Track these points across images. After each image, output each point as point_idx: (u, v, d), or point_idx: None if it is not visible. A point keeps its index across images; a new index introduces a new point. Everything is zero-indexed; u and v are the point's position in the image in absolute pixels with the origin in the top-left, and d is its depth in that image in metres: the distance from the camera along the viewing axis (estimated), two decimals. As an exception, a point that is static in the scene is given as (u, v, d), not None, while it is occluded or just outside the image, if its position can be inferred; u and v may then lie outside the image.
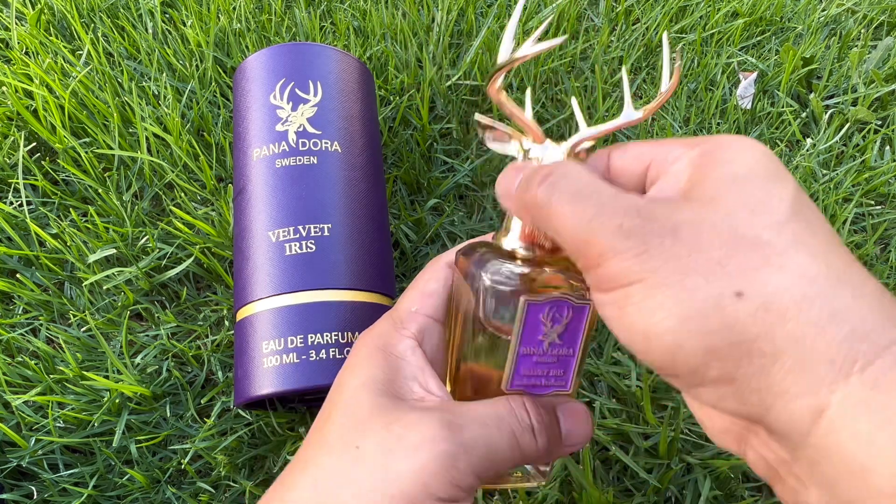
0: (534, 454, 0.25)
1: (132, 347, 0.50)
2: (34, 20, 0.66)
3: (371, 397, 0.26)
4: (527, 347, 0.26)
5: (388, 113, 0.62)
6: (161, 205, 0.57)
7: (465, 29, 0.70)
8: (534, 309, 0.25)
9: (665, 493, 0.44)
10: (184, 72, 0.63)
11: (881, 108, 0.66)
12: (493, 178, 0.59)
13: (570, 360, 0.27)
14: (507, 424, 0.25)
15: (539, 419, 0.26)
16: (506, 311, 0.26)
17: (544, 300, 0.25)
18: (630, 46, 0.70)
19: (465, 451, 0.24)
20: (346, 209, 0.44)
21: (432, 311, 0.29)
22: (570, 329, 0.26)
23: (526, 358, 0.26)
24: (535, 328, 0.26)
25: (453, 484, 0.23)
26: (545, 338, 0.26)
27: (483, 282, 0.26)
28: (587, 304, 0.26)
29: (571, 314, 0.26)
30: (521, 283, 0.26)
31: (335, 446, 0.25)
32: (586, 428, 0.27)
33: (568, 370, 0.27)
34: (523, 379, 0.26)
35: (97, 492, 0.44)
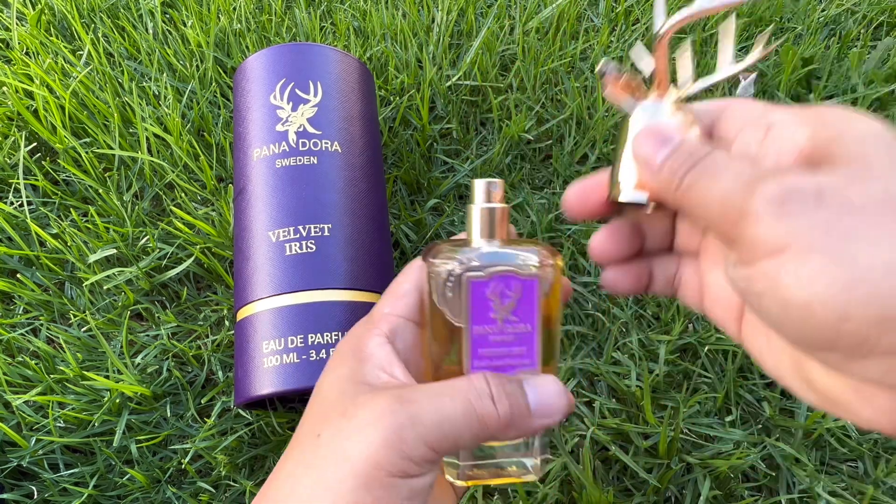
0: (495, 423, 0.25)
1: (132, 347, 0.50)
2: (35, 20, 0.67)
3: (336, 390, 0.27)
4: (480, 327, 0.26)
5: (388, 113, 0.62)
6: (161, 205, 0.57)
7: (465, 29, 0.70)
8: (477, 286, 0.26)
9: (665, 492, 0.44)
10: (184, 72, 0.63)
11: (881, 108, 0.66)
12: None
13: (530, 337, 0.26)
14: (462, 393, 0.25)
15: (499, 387, 0.25)
16: (453, 292, 0.26)
17: (487, 276, 0.25)
18: (630, 46, 0.70)
19: (412, 421, 0.24)
20: (346, 209, 0.44)
21: (405, 312, 0.29)
22: (523, 304, 0.26)
23: (481, 338, 0.26)
24: (483, 305, 0.26)
25: (404, 456, 0.23)
26: (497, 315, 0.26)
27: (432, 266, 0.26)
28: (535, 276, 0.26)
29: (521, 288, 0.26)
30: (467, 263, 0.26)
31: (303, 439, 0.26)
32: (558, 400, 0.27)
33: (531, 347, 0.27)
34: (483, 360, 0.26)
35: (97, 492, 0.44)
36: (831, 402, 0.23)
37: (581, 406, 0.48)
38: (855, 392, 0.22)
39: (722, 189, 0.21)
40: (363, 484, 0.23)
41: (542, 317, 0.27)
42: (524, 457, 0.28)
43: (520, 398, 0.26)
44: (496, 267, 0.26)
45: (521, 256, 0.26)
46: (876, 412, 0.21)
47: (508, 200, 0.58)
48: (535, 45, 0.68)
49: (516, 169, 0.60)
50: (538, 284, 0.26)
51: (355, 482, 0.23)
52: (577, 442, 0.46)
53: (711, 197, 0.22)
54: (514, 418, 0.25)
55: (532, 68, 0.66)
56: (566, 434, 0.46)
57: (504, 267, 0.26)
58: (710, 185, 0.22)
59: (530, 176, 0.61)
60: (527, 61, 0.67)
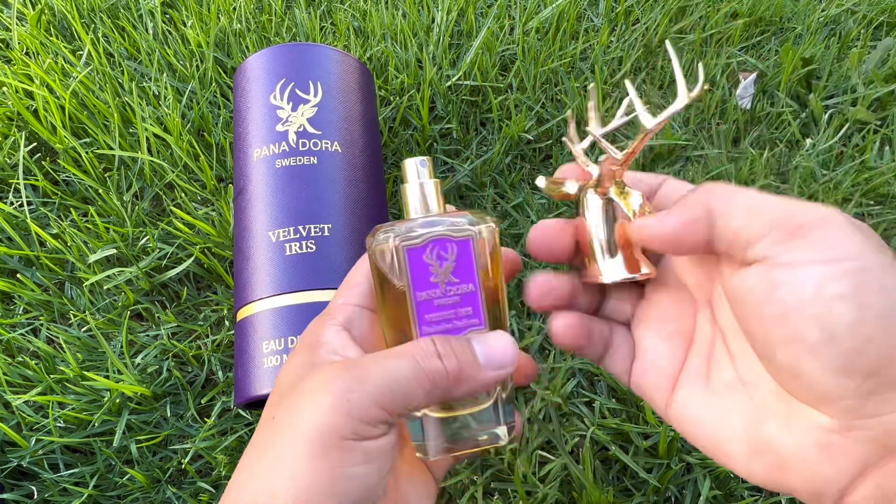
0: (444, 378, 0.25)
1: (132, 347, 0.50)
2: (35, 20, 0.67)
3: (291, 376, 0.27)
4: (422, 292, 0.27)
5: (388, 113, 0.62)
6: (161, 205, 0.57)
7: (465, 29, 0.70)
8: (414, 252, 0.27)
9: (665, 492, 0.44)
10: (184, 72, 0.63)
11: (880, 108, 0.66)
12: (492, 178, 0.59)
13: (474, 296, 0.27)
14: (408, 352, 0.25)
15: (446, 344, 0.26)
16: (394, 265, 0.27)
17: (422, 242, 0.27)
18: (630, 47, 0.70)
19: (359, 382, 0.24)
20: (346, 209, 0.44)
21: (359, 300, 0.30)
22: (461, 264, 0.27)
23: (425, 303, 0.27)
24: (423, 271, 0.27)
25: (354, 418, 0.24)
26: (437, 278, 0.27)
27: (372, 246, 0.28)
28: (469, 236, 0.27)
29: (456, 249, 0.27)
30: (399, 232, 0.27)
31: (261, 424, 0.27)
32: (506, 351, 0.27)
33: (476, 306, 0.27)
34: (431, 326, 0.27)
35: (97, 491, 0.44)
36: (780, 466, 0.24)
37: (581, 406, 0.48)
38: (821, 449, 0.23)
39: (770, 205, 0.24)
40: (318, 452, 0.23)
41: (487, 278, 0.28)
42: (492, 426, 0.29)
43: (468, 352, 0.26)
44: (429, 232, 0.27)
45: (453, 221, 0.28)
46: (839, 470, 0.22)
47: (508, 200, 0.58)
48: (535, 45, 0.68)
49: (516, 169, 0.60)
50: (472, 244, 0.27)
51: (310, 451, 0.23)
52: (577, 442, 0.46)
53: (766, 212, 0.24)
54: (464, 371, 0.26)
55: (532, 68, 0.66)
56: (566, 434, 0.46)
57: (437, 231, 0.27)
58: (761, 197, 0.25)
59: (530, 176, 0.61)
60: (527, 61, 0.67)
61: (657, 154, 0.62)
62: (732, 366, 0.27)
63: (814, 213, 0.23)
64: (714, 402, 0.27)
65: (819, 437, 0.23)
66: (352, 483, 0.24)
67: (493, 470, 0.45)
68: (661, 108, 0.66)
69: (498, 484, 0.44)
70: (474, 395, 0.27)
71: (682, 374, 0.29)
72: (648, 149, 0.61)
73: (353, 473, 0.24)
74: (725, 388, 0.27)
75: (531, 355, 0.50)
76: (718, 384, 0.27)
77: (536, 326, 0.50)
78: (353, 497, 0.24)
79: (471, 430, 0.28)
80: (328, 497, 0.23)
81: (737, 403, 0.26)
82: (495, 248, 0.29)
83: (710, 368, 0.28)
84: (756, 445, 0.25)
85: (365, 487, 0.24)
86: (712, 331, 0.29)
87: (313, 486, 0.23)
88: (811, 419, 0.23)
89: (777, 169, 0.61)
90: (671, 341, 0.30)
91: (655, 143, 0.61)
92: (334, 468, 0.23)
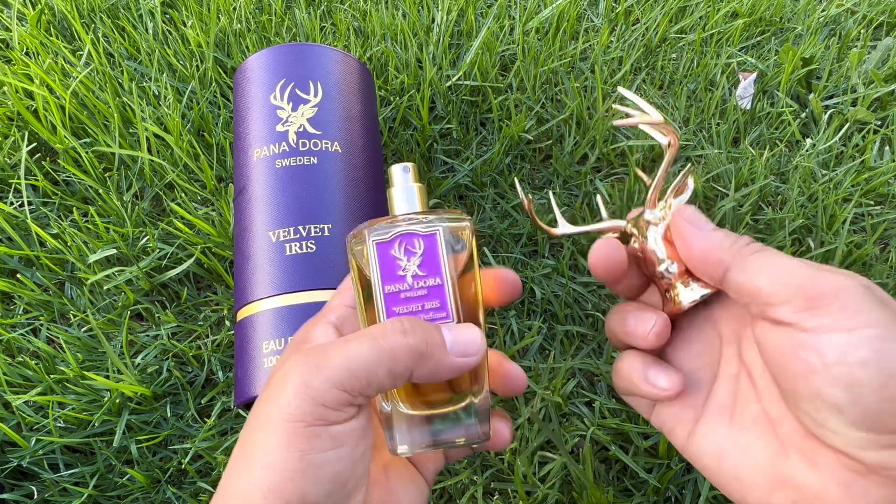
0: (406, 353, 0.25)
1: (133, 347, 0.50)
2: (35, 20, 0.67)
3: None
4: (390, 285, 0.28)
5: (388, 113, 0.62)
6: (161, 205, 0.57)
7: (465, 29, 0.70)
8: (382, 246, 0.28)
9: (665, 492, 0.44)
10: (184, 72, 0.63)
11: (880, 108, 0.66)
12: (492, 178, 0.59)
13: (441, 290, 0.28)
14: (369, 333, 0.26)
15: (413, 323, 0.26)
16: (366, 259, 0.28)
17: (390, 237, 0.28)
18: (630, 47, 0.70)
19: (318, 367, 0.25)
20: (347, 209, 0.44)
21: (351, 301, 0.30)
22: (428, 258, 0.28)
23: (392, 296, 0.28)
24: (390, 264, 0.28)
25: (316, 403, 0.24)
26: (405, 272, 0.28)
27: (350, 245, 0.28)
28: (435, 231, 0.28)
29: (423, 244, 0.28)
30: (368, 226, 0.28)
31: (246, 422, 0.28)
32: (473, 340, 0.27)
33: (443, 300, 0.28)
34: (400, 317, 0.27)
35: (97, 492, 0.44)
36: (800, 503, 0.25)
37: (581, 406, 0.48)
38: (843, 488, 0.24)
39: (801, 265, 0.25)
40: (285, 442, 0.24)
41: (459, 276, 0.28)
42: (462, 431, 0.29)
43: (435, 333, 0.27)
44: (397, 227, 0.28)
45: (423, 218, 0.28)
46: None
47: (509, 200, 0.58)
48: (535, 46, 0.68)
49: (516, 169, 0.60)
50: (439, 238, 0.28)
51: (278, 442, 0.24)
52: (577, 442, 0.46)
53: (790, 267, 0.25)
54: (429, 349, 0.26)
55: (532, 68, 0.66)
56: (566, 434, 0.46)
57: (405, 227, 0.28)
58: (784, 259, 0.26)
59: (530, 176, 0.61)
60: (527, 61, 0.67)
61: (657, 154, 0.62)
62: (758, 401, 0.28)
63: (834, 283, 0.24)
64: (739, 434, 0.28)
65: (842, 476, 0.24)
66: (323, 469, 0.24)
67: (493, 470, 0.45)
68: (660, 107, 0.66)
69: (498, 484, 0.44)
70: (439, 379, 0.27)
71: (707, 405, 0.29)
72: (649, 149, 0.61)
73: (324, 459, 0.24)
74: (751, 422, 0.28)
75: (531, 356, 0.50)
76: (744, 418, 0.28)
77: (536, 326, 0.50)
78: (326, 482, 0.24)
79: (439, 431, 0.28)
80: (300, 483, 0.24)
81: (762, 438, 0.27)
82: (470, 246, 0.29)
83: (735, 402, 0.29)
84: (778, 480, 0.26)
85: (337, 472, 0.25)
86: (738, 366, 0.29)
87: (285, 473, 0.23)
88: (835, 459, 0.24)
89: (777, 169, 0.61)
90: (698, 372, 0.30)
91: (655, 143, 0.61)
92: (304, 455, 0.24)
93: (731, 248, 0.27)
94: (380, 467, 0.30)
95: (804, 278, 0.24)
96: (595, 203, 0.58)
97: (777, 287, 0.25)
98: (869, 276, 0.54)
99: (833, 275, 0.24)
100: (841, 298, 0.23)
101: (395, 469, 0.31)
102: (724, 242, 0.27)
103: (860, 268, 0.54)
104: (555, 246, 0.57)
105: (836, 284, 0.24)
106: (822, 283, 0.24)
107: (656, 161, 0.62)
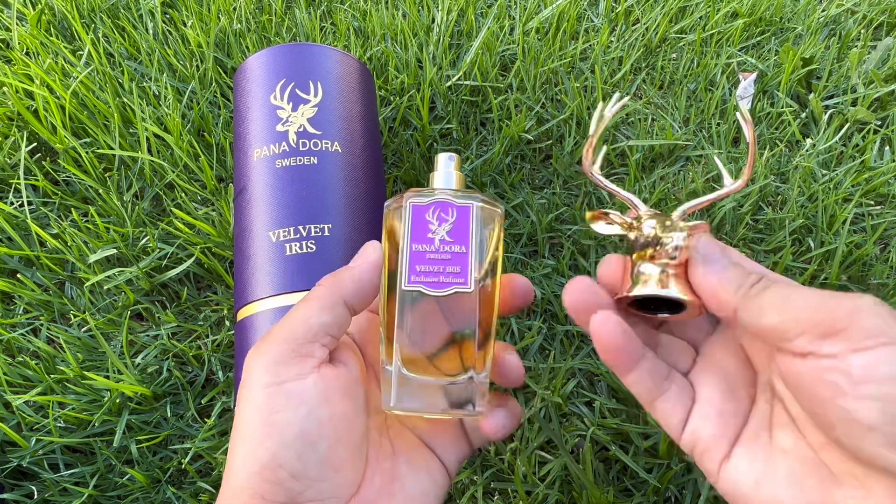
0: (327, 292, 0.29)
1: (133, 347, 0.50)
2: (35, 20, 0.67)
3: None
4: (418, 244, 0.29)
5: (388, 113, 0.62)
6: (161, 205, 0.57)
7: (465, 29, 0.70)
8: (418, 209, 0.29)
9: (665, 493, 0.44)
10: (184, 72, 0.63)
11: (881, 108, 0.66)
12: (492, 178, 0.59)
13: (464, 257, 0.29)
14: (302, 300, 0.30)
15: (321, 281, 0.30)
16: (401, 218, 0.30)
17: (428, 201, 0.29)
18: (630, 47, 0.70)
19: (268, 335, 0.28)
20: (347, 209, 0.44)
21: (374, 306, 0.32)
22: (458, 226, 0.29)
23: (418, 254, 0.29)
24: (422, 226, 0.29)
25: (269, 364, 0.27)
26: (434, 235, 0.29)
27: (390, 206, 0.31)
28: (470, 203, 0.29)
29: (456, 213, 0.29)
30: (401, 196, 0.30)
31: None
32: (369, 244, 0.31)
33: (464, 267, 0.29)
34: (420, 276, 0.29)
35: (97, 491, 0.44)
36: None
37: (581, 406, 0.48)
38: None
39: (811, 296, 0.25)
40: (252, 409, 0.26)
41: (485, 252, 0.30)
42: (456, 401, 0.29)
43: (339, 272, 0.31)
44: (434, 196, 0.30)
45: (461, 192, 0.30)
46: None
47: (509, 200, 0.58)
48: (535, 46, 0.68)
49: (516, 169, 0.60)
50: (472, 210, 0.29)
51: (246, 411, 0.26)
52: (577, 442, 0.46)
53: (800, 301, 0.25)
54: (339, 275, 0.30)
55: (532, 68, 0.66)
56: (566, 434, 0.46)
57: (442, 195, 0.30)
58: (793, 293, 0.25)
59: (530, 176, 0.61)
60: (527, 61, 0.67)
61: (657, 154, 0.62)
62: (797, 428, 0.27)
63: (846, 306, 0.23)
64: (780, 461, 0.27)
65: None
66: (286, 429, 0.26)
67: (493, 470, 0.45)
68: (660, 107, 0.66)
69: (498, 484, 0.44)
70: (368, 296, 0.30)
71: (744, 430, 0.28)
72: (649, 149, 0.62)
73: (284, 419, 0.26)
74: (794, 448, 0.27)
75: (531, 356, 0.50)
76: (784, 443, 0.27)
77: (536, 326, 0.50)
78: (293, 441, 0.26)
79: (432, 394, 0.29)
80: (268, 445, 0.25)
81: (806, 465, 0.26)
82: (499, 232, 0.31)
83: (773, 428, 0.28)
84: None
85: (302, 433, 0.26)
86: (771, 393, 0.29)
87: (255, 440, 0.26)
88: (888, 482, 0.23)
89: (777, 169, 0.61)
90: (734, 396, 0.29)
91: (655, 143, 0.61)
92: (266, 417, 0.26)
93: (739, 292, 0.26)
94: (386, 450, 0.30)
95: (814, 308, 0.24)
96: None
97: (789, 323, 0.24)
98: (869, 275, 0.54)
99: (843, 299, 0.24)
100: (856, 320, 0.23)
101: (407, 453, 0.30)
102: (732, 284, 0.27)
103: (860, 268, 0.54)
104: (555, 246, 0.57)
105: (847, 308, 0.23)
106: (834, 308, 0.23)
107: (656, 161, 0.62)
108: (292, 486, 0.25)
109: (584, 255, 0.55)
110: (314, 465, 0.26)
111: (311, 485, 0.26)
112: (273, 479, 0.25)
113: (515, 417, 0.31)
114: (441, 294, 0.28)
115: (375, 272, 0.30)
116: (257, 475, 0.25)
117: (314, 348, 0.27)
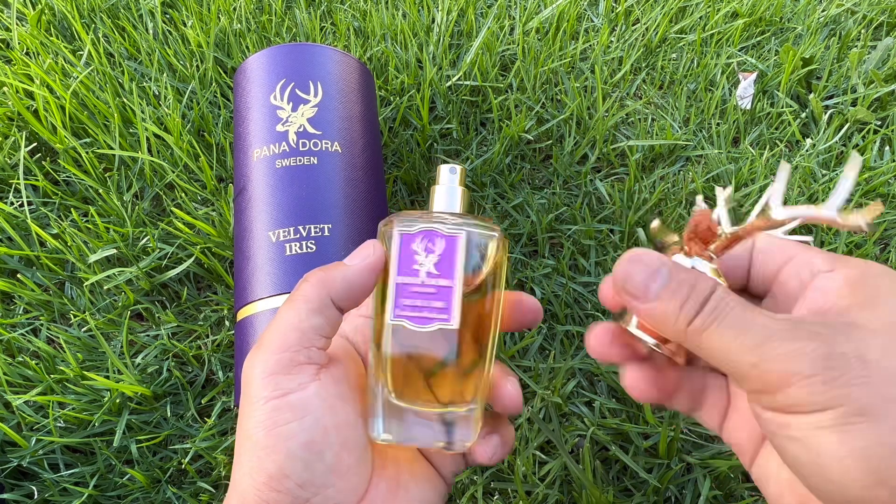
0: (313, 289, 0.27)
1: (133, 347, 0.50)
2: (35, 20, 0.67)
3: None
4: (403, 276, 0.28)
5: (388, 113, 0.62)
6: (161, 205, 0.57)
7: (465, 29, 0.70)
8: (405, 238, 0.28)
9: (665, 492, 0.44)
10: (184, 72, 0.63)
11: (880, 108, 0.66)
12: (492, 178, 0.59)
13: (449, 292, 0.28)
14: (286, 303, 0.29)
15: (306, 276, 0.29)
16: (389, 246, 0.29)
17: (416, 230, 0.28)
18: (630, 47, 0.70)
19: (259, 347, 0.27)
20: (347, 209, 0.44)
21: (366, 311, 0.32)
22: (445, 259, 0.28)
23: (403, 287, 0.28)
24: (409, 257, 0.28)
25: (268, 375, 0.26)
26: (420, 267, 0.28)
27: (382, 229, 0.29)
28: (458, 234, 0.28)
29: (444, 244, 0.28)
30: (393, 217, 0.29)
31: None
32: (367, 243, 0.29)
33: (449, 302, 0.28)
34: (405, 309, 0.28)
35: (97, 491, 0.44)
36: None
37: (581, 406, 0.48)
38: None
39: (751, 344, 0.21)
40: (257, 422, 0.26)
41: (477, 284, 0.28)
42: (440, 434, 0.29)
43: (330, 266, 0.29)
44: (422, 223, 0.28)
45: (451, 219, 0.29)
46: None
47: (509, 200, 0.58)
48: (535, 46, 0.68)
49: (516, 169, 0.60)
50: (460, 242, 0.28)
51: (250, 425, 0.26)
52: (577, 442, 0.46)
53: (738, 349, 0.21)
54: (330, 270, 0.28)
55: (532, 68, 0.66)
56: (566, 434, 0.46)
57: (430, 224, 0.28)
58: (736, 337, 0.21)
59: (530, 176, 0.61)
60: (527, 61, 0.67)
61: (657, 154, 0.62)
62: None
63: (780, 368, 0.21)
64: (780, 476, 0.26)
65: None
66: (291, 440, 0.25)
67: (493, 470, 0.45)
68: (660, 107, 0.66)
69: (498, 484, 0.44)
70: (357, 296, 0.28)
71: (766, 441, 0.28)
72: (649, 149, 0.62)
73: (289, 431, 0.25)
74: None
75: (531, 356, 0.50)
76: None
77: (536, 326, 0.50)
78: (299, 453, 0.25)
79: (416, 426, 0.28)
80: (275, 458, 0.25)
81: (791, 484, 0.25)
82: (496, 259, 0.29)
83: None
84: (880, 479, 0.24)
85: (308, 443, 0.26)
86: None
87: (261, 452, 0.25)
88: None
89: (777, 169, 0.61)
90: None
91: (655, 143, 0.61)
92: (270, 430, 0.25)
93: (677, 325, 0.23)
94: (389, 457, 0.30)
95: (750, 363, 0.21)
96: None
97: (729, 368, 0.22)
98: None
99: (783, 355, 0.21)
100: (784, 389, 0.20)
101: (409, 465, 0.30)
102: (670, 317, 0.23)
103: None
104: (555, 246, 0.57)
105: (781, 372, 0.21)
106: (770, 367, 0.21)
107: (656, 161, 0.62)
108: (299, 495, 0.25)
109: (584, 254, 0.55)
110: (321, 473, 0.26)
111: (318, 492, 0.26)
112: (280, 489, 0.25)
113: (508, 444, 0.31)
114: (424, 330, 0.28)
115: (370, 275, 0.28)
116: (265, 485, 0.25)
117: (310, 353, 0.27)
